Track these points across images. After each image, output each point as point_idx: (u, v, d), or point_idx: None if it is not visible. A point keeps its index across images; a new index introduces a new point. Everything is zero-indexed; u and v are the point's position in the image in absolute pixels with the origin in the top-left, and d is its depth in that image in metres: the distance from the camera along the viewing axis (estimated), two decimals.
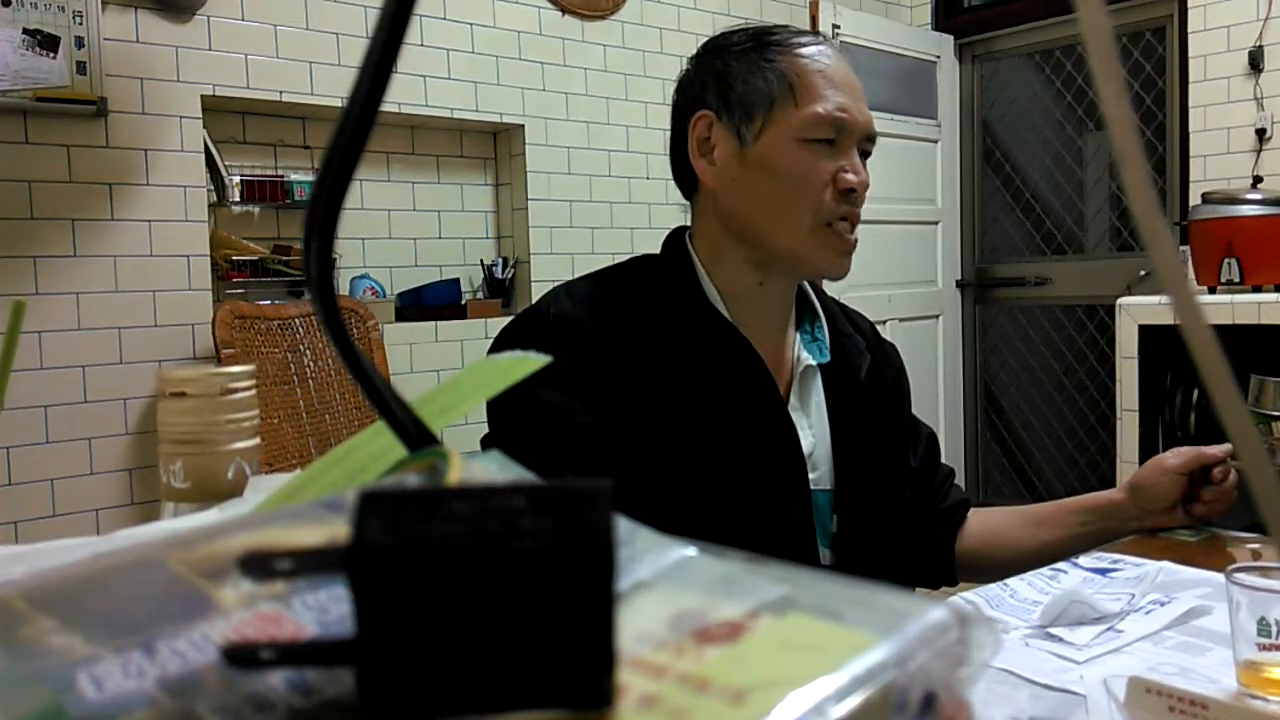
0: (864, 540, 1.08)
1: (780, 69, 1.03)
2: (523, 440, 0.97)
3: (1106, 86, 0.24)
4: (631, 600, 0.28)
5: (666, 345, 1.02)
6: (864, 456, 1.10)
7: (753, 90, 1.03)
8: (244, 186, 2.69)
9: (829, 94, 1.02)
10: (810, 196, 1.02)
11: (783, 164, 1.02)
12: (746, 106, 1.03)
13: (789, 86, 1.02)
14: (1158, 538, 1.16)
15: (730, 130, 1.04)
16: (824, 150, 1.02)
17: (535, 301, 1.06)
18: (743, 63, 1.04)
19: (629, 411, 0.98)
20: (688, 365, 1.02)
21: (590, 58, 3.27)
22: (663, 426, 0.99)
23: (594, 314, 1.02)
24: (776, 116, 1.02)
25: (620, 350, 1.00)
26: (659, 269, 1.09)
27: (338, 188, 0.29)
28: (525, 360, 0.39)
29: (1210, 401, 0.25)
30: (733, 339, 1.04)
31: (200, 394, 0.42)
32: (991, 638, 0.27)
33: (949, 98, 4.05)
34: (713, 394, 1.02)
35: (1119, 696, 0.71)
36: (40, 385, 2.30)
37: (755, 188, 1.03)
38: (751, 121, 1.03)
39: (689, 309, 1.05)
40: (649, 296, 1.06)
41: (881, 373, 1.18)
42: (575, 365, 0.98)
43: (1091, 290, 3.81)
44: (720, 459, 1.00)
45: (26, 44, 2.22)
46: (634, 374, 0.99)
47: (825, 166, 1.02)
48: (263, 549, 0.25)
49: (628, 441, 0.97)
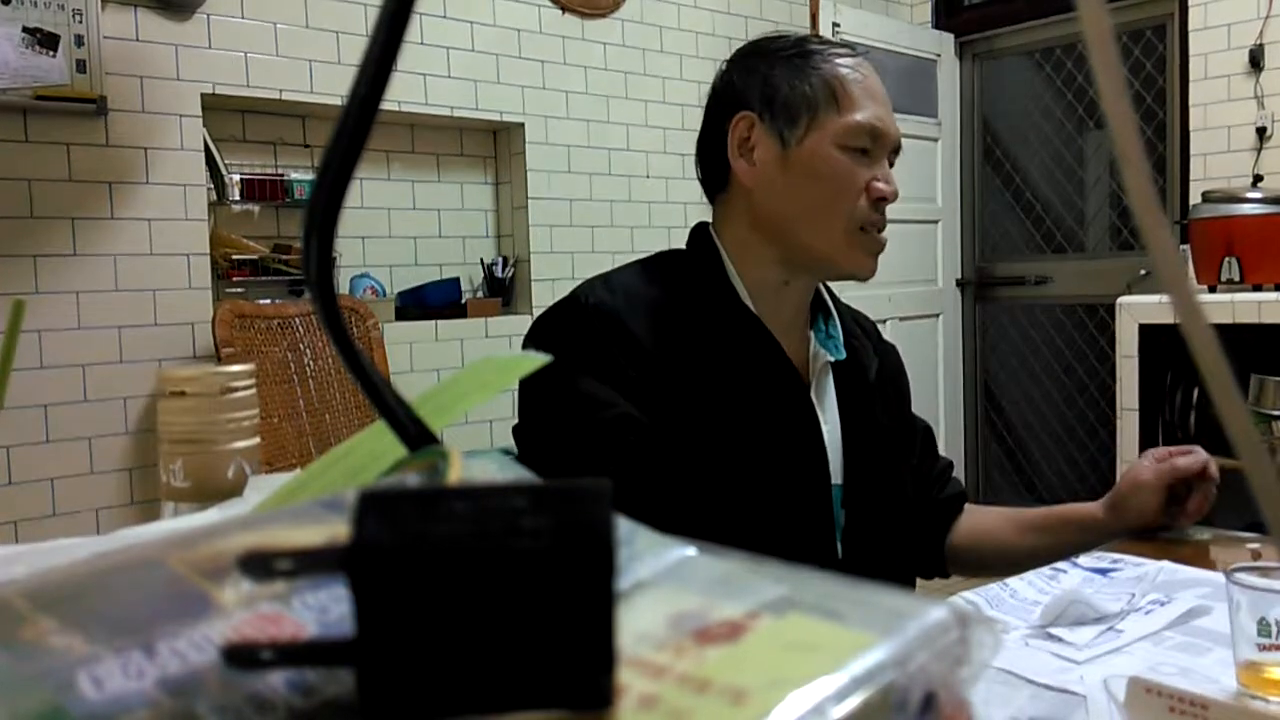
0: (869, 535, 1.10)
1: (825, 76, 1.06)
2: (562, 430, 0.98)
3: (1107, 85, 0.24)
4: (631, 600, 0.28)
5: (698, 338, 1.04)
6: (872, 453, 1.11)
7: (797, 94, 1.06)
8: (244, 185, 2.69)
9: (868, 104, 1.06)
10: (848, 201, 1.05)
11: (824, 168, 1.05)
12: (791, 109, 1.06)
13: (832, 94, 1.05)
14: (1158, 538, 1.16)
15: (773, 132, 1.07)
16: (860, 158, 1.06)
17: (572, 290, 1.07)
18: (788, 67, 1.07)
19: (663, 403, 0.99)
20: (716, 356, 1.04)
21: (590, 56, 3.27)
22: (695, 418, 1.00)
23: (631, 306, 1.03)
24: (819, 121, 1.05)
25: (655, 342, 1.01)
26: (689, 263, 1.11)
27: (338, 186, 0.29)
28: (526, 358, 0.39)
29: (1210, 401, 0.25)
30: (759, 334, 1.07)
31: (200, 393, 0.42)
32: (991, 638, 0.27)
33: (949, 96, 4.04)
34: (742, 387, 1.04)
35: (1119, 696, 0.71)
36: (40, 385, 2.30)
37: (795, 189, 1.06)
38: (795, 125, 1.06)
39: (718, 304, 1.07)
40: (681, 290, 1.07)
41: (886, 373, 1.20)
42: (613, 356, 0.99)
43: (1091, 289, 3.80)
44: (749, 450, 1.02)
45: (26, 42, 2.22)
46: (668, 366, 1.01)
47: (861, 174, 1.05)
48: (263, 549, 0.25)
49: (662, 432, 0.98)
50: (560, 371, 0.98)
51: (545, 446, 1.00)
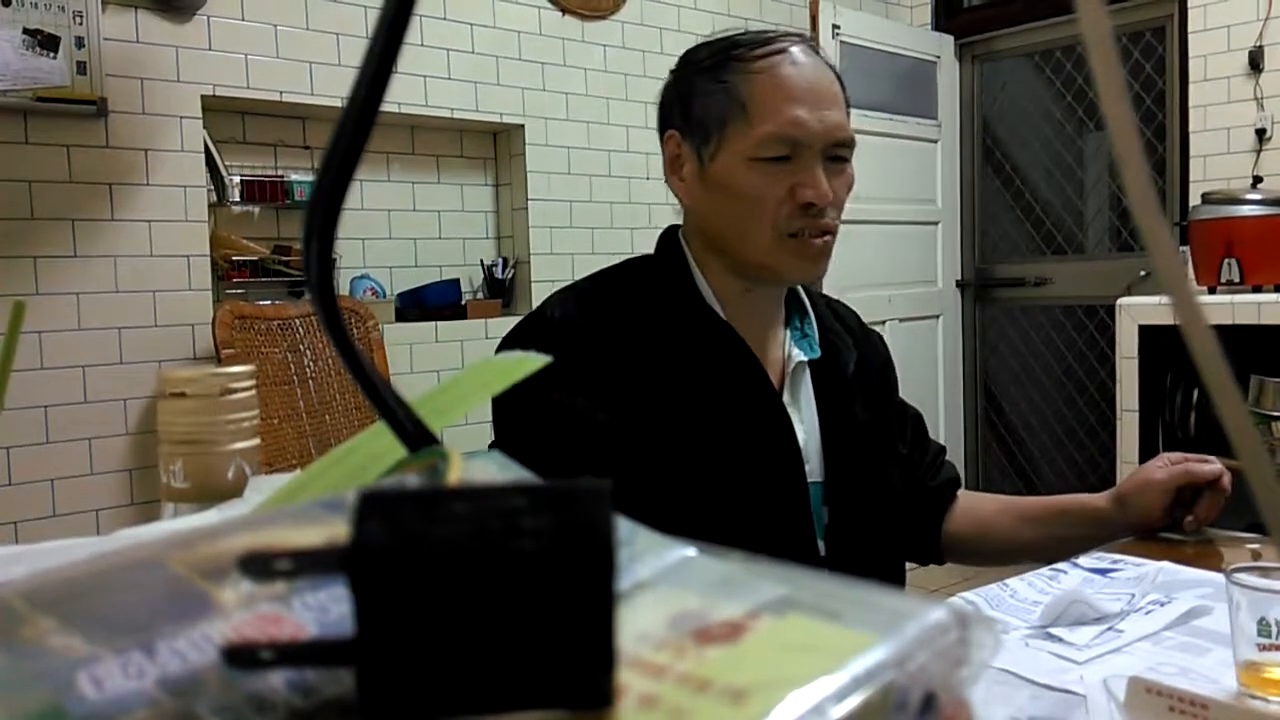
0: (854, 531, 1.09)
1: (732, 87, 1.02)
2: (540, 443, 0.97)
3: (1106, 86, 0.24)
4: (631, 600, 0.28)
5: (665, 345, 1.03)
6: (852, 449, 1.11)
7: (707, 111, 1.04)
8: (244, 186, 2.69)
9: (783, 108, 1.00)
10: (765, 214, 1.02)
11: (735, 184, 1.02)
12: (703, 127, 1.04)
13: (740, 106, 1.01)
14: (1157, 539, 1.16)
15: (692, 150, 1.06)
16: (778, 168, 1.01)
17: (537, 306, 1.07)
18: (702, 81, 1.05)
19: (633, 411, 0.99)
20: (686, 364, 1.03)
21: (590, 58, 3.27)
22: (665, 424, 1.00)
23: (595, 316, 1.03)
24: (729, 136, 1.02)
25: (621, 351, 1.01)
26: (655, 269, 1.10)
27: (338, 188, 0.29)
28: (526, 360, 0.39)
29: (1210, 401, 0.25)
30: (728, 337, 1.06)
31: (200, 394, 0.42)
32: (991, 638, 0.27)
33: (949, 98, 4.04)
34: (711, 391, 1.03)
35: (1119, 696, 0.71)
36: (40, 385, 2.30)
37: (717, 205, 1.05)
38: (707, 142, 1.04)
39: (685, 308, 1.06)
40: (647, 297, 1.07)
41: (868, 365, 1.18)
42: (581, 367, 0.99)
43: (1091, 290, 3.80)
44: (721, 455, 1.01)
45: (26, 44, 2.22)
46: (635, 374, 1.00)
47: (779, 184, 1.01)
48: (263, 549, 0.25)
49: (635, 441, 0.98)
50: (531, 386, 0.96)
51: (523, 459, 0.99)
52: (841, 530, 1.08)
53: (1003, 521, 1.23)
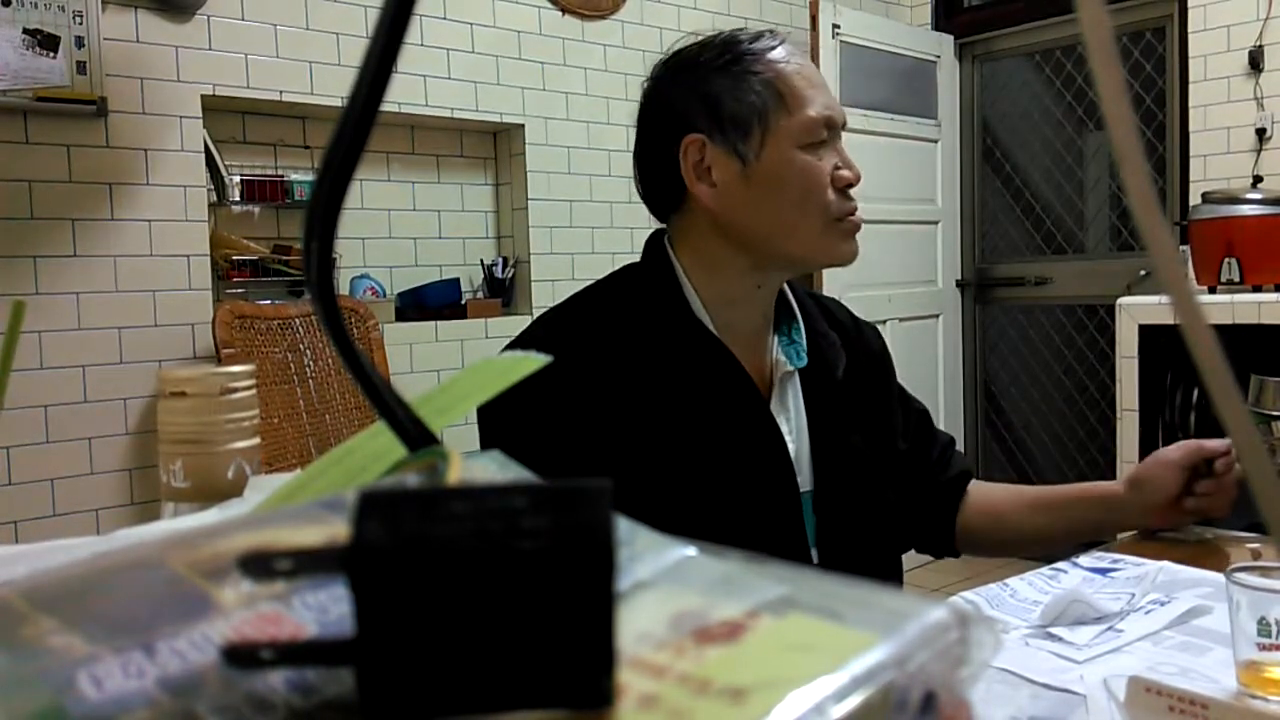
0: (846, 539, 1.08)
1: (765, 78, 1.03)
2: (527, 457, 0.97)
3: (1106, 86, 0.24)
4: (631, 600, 0.28)
5: (652, 359, 1.02)
6: (842, 457, 1.10)
7: (744, 106, 1.02)
8: (244, 186, 2.69)
9: (813, 95, 1.03)
10: (818, 200, 1.03)
11: (790, 173, 1.02)
12: (741, 123, 1.02)
13: (778, 95, 1.02)
14: (1157, 538, 1.16)
15: (728, 150, 1.03)
16: (822, 152, 1.04)
17: (524, 329, 1.07)
18: (725, 78, 1.04)
19: (621, 428, 0.99)
20: (673, 377, 1.02)
21: (590, 57, 3.27)
22: (654, 439, 0.99)
23: (581, 336, 1.03)
24: (772, 128, 1.02)
25: (608, 370, 1.01)
26: (641, 281, 1.09)
27: (338, 188, 0.29)
28: (525, 360, 0.39)
29: (1210, 401, 0.25)
30: (715, 349, 1.05)
31: (200, 394, 0.42)
32: (991, 638, 0.27)
33: (949, 98, 4.04)
34: (698, 404, 1.02)
35: (1119, 696, 0.71)
36: (40, 385, 2.30)
37: (764, 202, 1.03)
38: (749, 138, 1.02)
39: (671, 321, 1.05)
40: (633, 311, 1.06)
41: (860, 363, 1.17)
42: (565, 395, 0.99)
43: (1091, 290, 3.80)
44: (710, 468, 1.01)
45: (26, 44, 2.22)
46: (622, 391, 1.00)
47: (825, 167, 1.03)
48: (263, 549, 0.25)
49: (621, 459, 0.98)
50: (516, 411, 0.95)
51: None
52: (832, 537, 1.07)
53: (1016, 510, 1.22)
